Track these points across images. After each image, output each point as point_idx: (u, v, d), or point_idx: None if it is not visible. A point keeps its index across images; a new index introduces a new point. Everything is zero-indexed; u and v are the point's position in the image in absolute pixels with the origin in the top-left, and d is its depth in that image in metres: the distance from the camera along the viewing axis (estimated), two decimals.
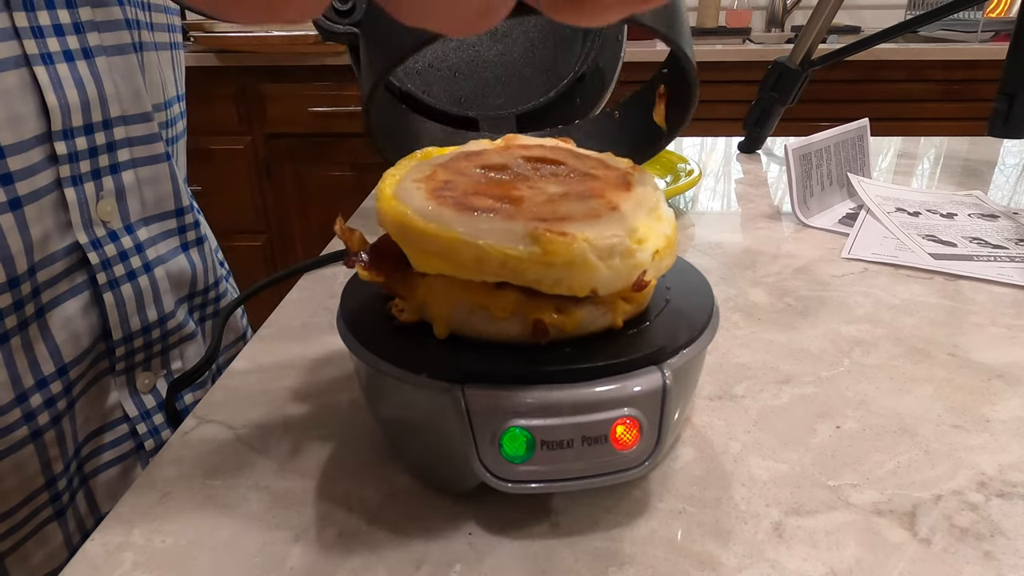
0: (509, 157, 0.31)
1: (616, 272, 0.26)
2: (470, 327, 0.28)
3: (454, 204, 0.26)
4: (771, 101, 0.80)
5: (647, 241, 0.27)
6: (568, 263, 0.25)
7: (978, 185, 0.73)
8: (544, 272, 0.25)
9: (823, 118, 1.27)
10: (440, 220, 0.26)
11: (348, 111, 1.86)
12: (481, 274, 0.26)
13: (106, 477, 0.45)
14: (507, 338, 0.27)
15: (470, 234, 0.25)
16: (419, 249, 0.27)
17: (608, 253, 0.26)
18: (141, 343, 0.45)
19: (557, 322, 0.27)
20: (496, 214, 0.26)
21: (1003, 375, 0.39)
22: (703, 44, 2.00)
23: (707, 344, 0.29)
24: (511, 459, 0.26)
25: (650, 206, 0.29)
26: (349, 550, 0.27)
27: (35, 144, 0.37)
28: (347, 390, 0.38)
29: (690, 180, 0.64)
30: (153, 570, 0.27)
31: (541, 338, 0.27)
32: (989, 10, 1.89)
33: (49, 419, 0.39)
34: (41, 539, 0.41)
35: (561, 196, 0.28)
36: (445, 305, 0.28)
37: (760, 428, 0.34)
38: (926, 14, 0.73)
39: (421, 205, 0.27)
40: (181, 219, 0.48)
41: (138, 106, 0.43)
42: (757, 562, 0.26)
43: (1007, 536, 0.27)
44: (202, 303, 0.52)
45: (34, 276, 0.38)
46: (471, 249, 0.25)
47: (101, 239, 0.41)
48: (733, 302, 0.48)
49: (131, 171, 0.43)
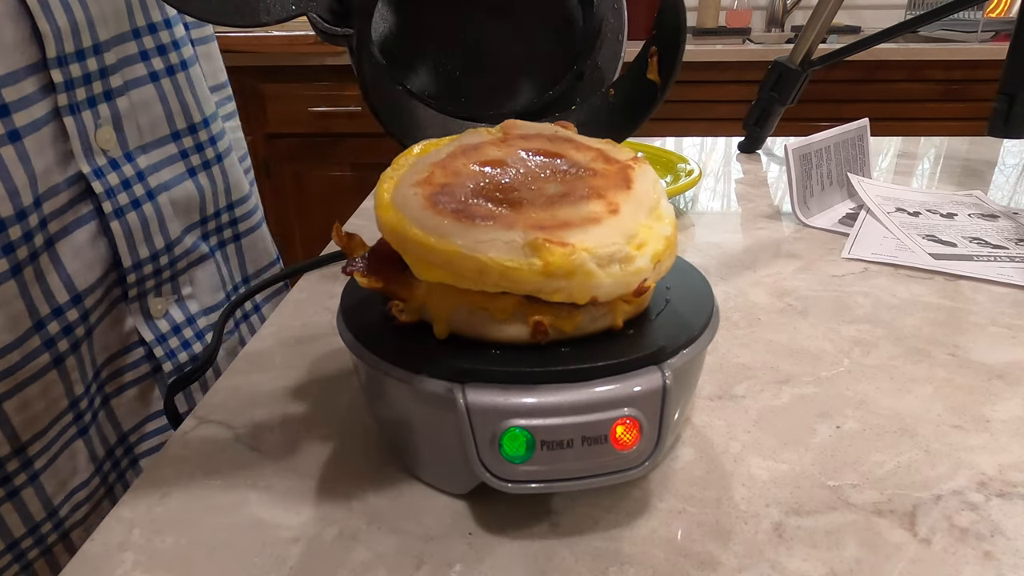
0: (508, 151, 0.31)
1: (616, 279, 0.26)
2: (470, 328, 0.28)
3: (452, 213, 0.26)
4: (771, 101, 0.80)
5: (647, 245, 0.27)
6: (568, 274, 0.25)
7: (978, 185, 0.73)
8: (544, 282, 0.25)
9: (823, 118, 1.27)
10: (439, 232, 0.26)
11: (348, 111, 1.86)
12: (482, 284, 0.26)
13: (126, 398, 0.47)
14: (507, 339, 0.27)
15: (470, 247, 0.25)
16: (419, 259, 0.27)
17: (607, 260, 0.26)
18: (151, 270, 0.46)
19: (557, 323, 0.27)
20: (495, 222, 0.26)
21: (1003, 375, 0.39)
22: (703, 44, 2.00)
23: (707, 344, 0.29)
24: (511, 459, 0.26)
25: (650, 205, 0.29)
26: (349, 550, 0.27)
27: (29, 73, 0.37)
28: (347, 390, 0.38)
29: (690, 180, 0.64)
30: (153, 570, 0.27)
31: (541, 339, 0.27)
32: (989, 10, 1.89)
33: (69, 345, 0.40)
34: (69, 455, 0.42)
35: (561, 197, 0.28)
36: (445, 307, 0.28)
37: (760, 428, 0.34)
38: (926, 14, 0.73)
39: (420, 215, 0.27)
40: (183, 142, 0.48)
41: (121, 26, 0.42)
42: (757, 562, 0.26)
43: (1007, 536, 0.27)
44: (217, 227, 0.52)
45: (40, 207, 0.38)
46: (471, 262, 0.25)
47: (103, 168, 0.41)
48: (733, 302, 0.48)
49: (125, 96, 0.43)
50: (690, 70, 1.84)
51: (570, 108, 0.41)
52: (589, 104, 0.41)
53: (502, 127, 0.34)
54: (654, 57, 0.37)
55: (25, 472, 0.39)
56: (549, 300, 0.26)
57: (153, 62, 0.45)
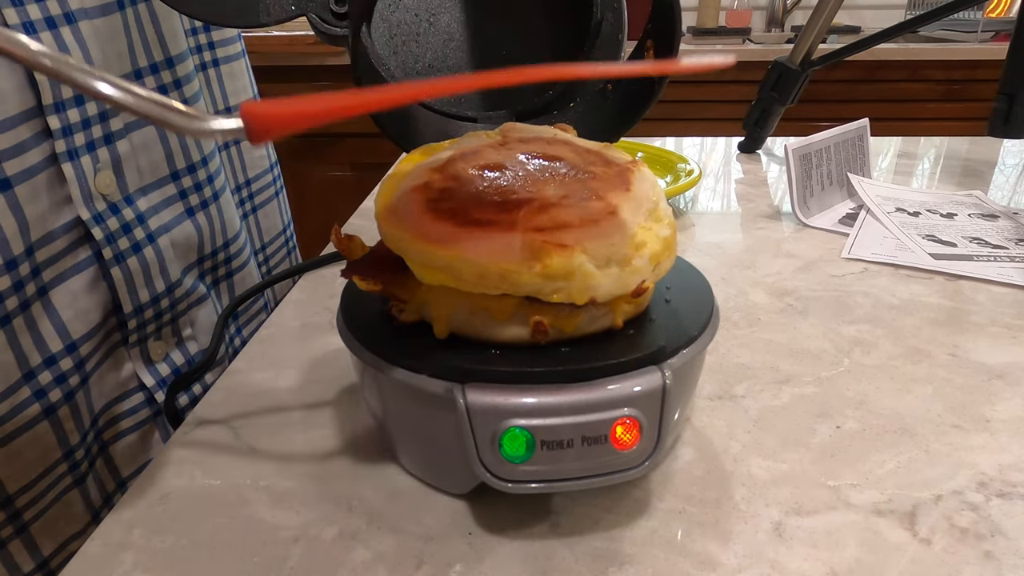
0: (507, 155, 0.31)
1: (614, 280, 0.27)
2: (470, 328, 0.28)
3: (452, 218, 0.27)
4: (771, 101, 0.80)
5: (645, 247, 0.28)
6: (567, 275, 0.26)
7: (978, 185, 0.73)
8: (543, 284, 0.26)
9: (823, 118, 1.27)
10: (439, 238, 0.26)
11: None
12: (482, 287, 0.26)
13: (124, 444, 0.46)
14: (507, 339, 0.27)
15: (469, 252, 0.26)
16: (420, 264, 0.27)
17: (606, 261, 0.26)
18: (151, 314, 0.45)
19: (557, 323, 0.27)
20: (495, 227, 0.26)
21: (1003, 375, 0.39)
22: (703, 44, 2.00)
23: (707, 344, 0.29)
24: (511, 459, 0.26)
25: (649, 207, 0.29)
26: (349, 550, 0.27)
27: (23, 120, 0.36)
28: (347, 390, 0.38)
29: (690, 180, 0.64)
30: (153, 570, 0.27)
31: (541, 339, 0.27)
32: (989, 10, 1.89)
33: (62, 395, 0.40)
34: (64, 506, 0.41)
35: (559, 200, 0.27)
36: (445, 307, 0.28)
37: (760, 428, 0.34)
38: (926, 14, 0.73)
39: (419, 221, 0.27)
40: (182, 182, 0.47)
41: (124, 68, 0.42)
42: (757, 562, 0.26)
43: (1007, 536, 0.27)
44: (212, 266, 0.52)
45: (32, 256, 0.37)
46: (471, 267, 0.26)
47: (102, 213, 0.41)
48: (733, 302, 0.48)
49: (125, 139, 0.42)
50: None
51: (569, 106, 0.41)
52: (588, 101, 0.41)
53: (501, 130, 0.34)
54: (650, 51, 0.37)
55: (12, 524, 0.38)
56: (549, 301, 0.26)
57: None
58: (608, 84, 0.40)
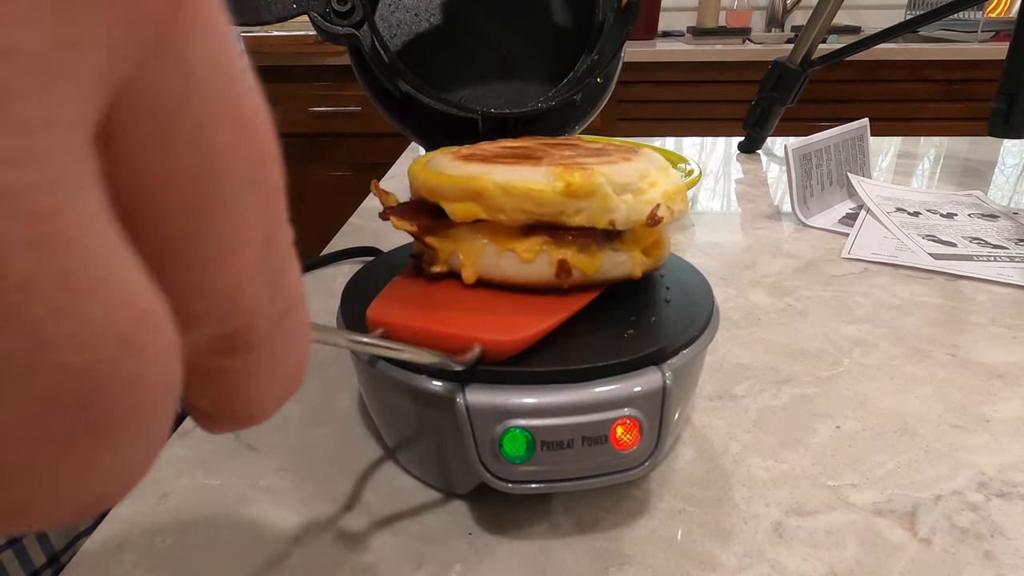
0: (526, 141, 0.34)
1: (631, 206, 0.28)
2: (497, 271, 0.29)
3: (481, 160, 0.29)
4: (771, 101, 0.80)
5: (658, 185, 0.29)
6: (589, 193, 0.27)
7: (978, 185, 0.73)
8: (566, 203, 0.27)
9: (823, 118, 1.27)
10: (470, 171, 0.29)
11: (348, 111, 1.86)
12: (509, 212, 0.28)
13: None
14: (533, 280, 0.29)
15: (498, 175, 0.28)
16: (451, 198, 0.29)
17: (623, 189, 0.28)
18: None
19: (580, 264, 0.29)
20: (524, 162, 0.29)
21: (1003, 375, 0.39)
22: (703, 44, 2.00)
23: (707, 344, 0.29)
24: (511, 459, 0.26)
25: (660, 165, 0.31)
26: (349, 550, 0.27)
27: None
28: (347, 390, 0.38)
29: (690, 180, 0.64)
30: (153, 570, 0.27)
31: (564, 279, 0.29)
32: (989, 10, 1.89)
33: None
34: None
35: (577, 155, 0.30)
36: (474, 250, 0.29)
37: (760, 428, 0.34)
38: (926, 14, 0.73)
39: (451, 166, 0.29)
40: None
41: None
42: (757, 562, 0.26)
43: (1007, 536, 0.27)
44: None
45: None
46: (499, 189, 0.27)
47: None
48: (733, 302, 0.48)
49: None
50: (690, 70, 1.84)
51: (571, 120, 0.42)
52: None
53: None
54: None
55: None
56: (571, 224, 0.28)
57: None
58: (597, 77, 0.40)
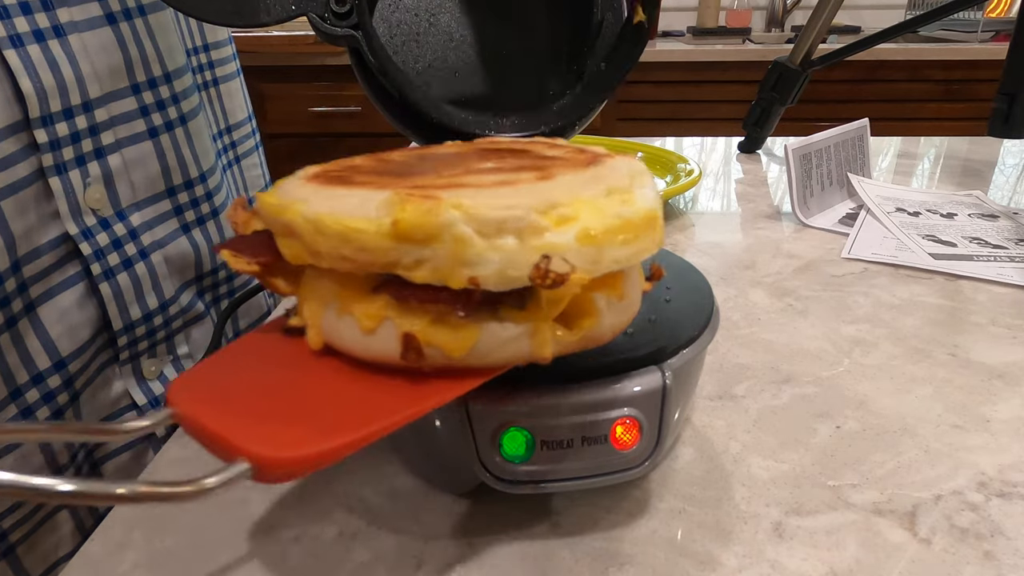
0: (464, 147, 0.26)
1: (505, 256, 0.19)
2: (338, 338, 0.22)
3: (327, 181, 0.21)
4: (771, 101, 0.80)
5: (573, 221, 0.20)
6: (429, 237, 0.19)
7: (978, 185, 0.73)
8: (397, 250, 0.19)
9: (823, 118, 1.27)
10: (290, 196, 0.21)
11: (348, 111, 1.86)
12: (328, 258, 0.20)
13: (117, 464, 0.45)
14: (375, 357, 0.21)
15: (314, 207, 0.20)
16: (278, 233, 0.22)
17: (496, 229, 0.19)
18: (144, 331, 0.44)
19: (438, 341, 0.20)
20: (371, 186, 0.20)
21: (1003, 375, 0.39)
22: (703, 44, 2.00)
23: (707, 344, 0.29)
24: (511, 459, 0.26)
25: (612, 185, 0.22)
26: (349, 550, 0.27)
27: (9, 134, 0.35)
28: None
29: (690, 180, 0.64)
30: (153, 570, 0.27)
31: (414, 361, 0.20)
32: (989, 10, 1.89)
33: (50, 413, 0.39)
34: (51, 527, 0.40)
35: (483, 170, 0.22)
36: (317, 307, 0.22)
37: (760, 428, 0.34)
38: (926, 14, 0.73)
39: (288, 188, 0.22)
40: (178, 198, 0.46)
41: (117, 83, 0.41)
42: (757, 562, 0.26)
43: (1007, 536, 0.27)
44: (213, 283, 0.51)
45: (19, 271, 0.37)
46: (310, 225, 0.20)
47: (92, 228, 0.40)
48: (733, 302, 0.48)
49: (117, 154, 0.41)
50: (690, 70, 1.84)
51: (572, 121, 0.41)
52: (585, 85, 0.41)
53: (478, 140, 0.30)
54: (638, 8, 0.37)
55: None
56: (411, 279, 0.20)
57: (152, 117, 0.44)
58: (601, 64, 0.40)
